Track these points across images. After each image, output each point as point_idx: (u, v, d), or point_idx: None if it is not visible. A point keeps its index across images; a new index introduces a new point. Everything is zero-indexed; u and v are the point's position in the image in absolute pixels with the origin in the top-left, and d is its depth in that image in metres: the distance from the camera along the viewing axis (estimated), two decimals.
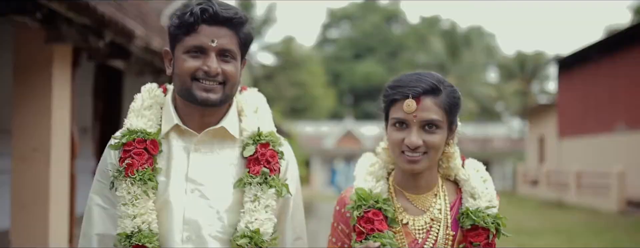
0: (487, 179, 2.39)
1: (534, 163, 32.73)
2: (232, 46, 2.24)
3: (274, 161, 2.29)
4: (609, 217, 18.79)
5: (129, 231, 2.17)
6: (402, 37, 68.17)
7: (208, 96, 2.20)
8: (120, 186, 2.20)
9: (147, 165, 2.22)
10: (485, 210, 2.28)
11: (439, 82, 2.22)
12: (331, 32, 72.56)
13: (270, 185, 2.24)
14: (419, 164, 2.23)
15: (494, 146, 45.10)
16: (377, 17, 69.21)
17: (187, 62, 2.19)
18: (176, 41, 2.24)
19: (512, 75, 48.80)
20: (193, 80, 2.20)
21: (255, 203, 2.23)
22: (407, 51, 63.46)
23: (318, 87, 54.24)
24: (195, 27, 2.18)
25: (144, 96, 2.38)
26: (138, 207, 2.18)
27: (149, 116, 2.32)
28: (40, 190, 5.90)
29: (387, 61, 64.54)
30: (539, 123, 32.97)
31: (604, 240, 13.51)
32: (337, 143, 45.49)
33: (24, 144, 5.92)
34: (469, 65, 48.95)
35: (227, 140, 2.34)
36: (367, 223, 2.24)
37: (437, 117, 2.20)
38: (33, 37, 5.77)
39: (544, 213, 20.40)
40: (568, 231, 14.92)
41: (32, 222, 5.88)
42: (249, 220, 2.22)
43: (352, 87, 62.71)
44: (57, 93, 5.94)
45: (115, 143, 2.28)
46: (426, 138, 2.20)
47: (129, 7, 7.79)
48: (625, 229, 15.55)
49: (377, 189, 2.32)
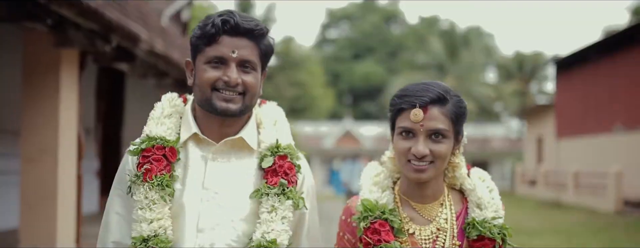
0: (493, 189, 2.40)
1: (532, 163, 32.75)
2: (253, 57, 2.25)
3: (291, 173, 2.28)
4: (607, 217, 18.85)
5: (145, 235, 2.17)
6: (401, 38, 68.19)
7: (228, 106, 2.22)
8: (138, 191, 2.20)
9: (165, 171, 2.22)
10: (491, 220, 2.29)
11: (445, 92, 2.23)
12: (330, 32, 72.60)
13: (287, 197, 2.24)
14: (425, 173, 2.23)
15: (493, 146, 45.08)
16: (376, 17, 69.19)
17: (207, 72, 2.21)
18: (197, 52, 2.25)
19: (511, 75, 48.75)
20: (213, 90, 2.22)
21: (272, 214, 2.23)
22: (406, 51, 63.33)
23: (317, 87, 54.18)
24: (217, 38, 2.20)
25: (164, 104, 2.39)
26: (155, 212, 2.18)
27: (169, 124, 2.33)
28: (48, 190, 6.04)
29: (386, 61, 64.52)
30: (537, 123, 32.98)
31: (601, 239, 13.56)
32: (336, 143, 45.46)
33: (32, 145, 6.07)
34: (467, 65, 48.80)
35: (245, 151, 2.34)
36: (374, 234, 2.24)
37: (443, 126, 2.20)
38: (41, 42, 5.92)
39: (542, 213, 20.47)
40: (566, 231, 14.98)
41: (40, 221, 6.03)
42: (266, 231, 2.22)
43: (351, 87, 62.67)
44: (64, 95, 6.07)
45: (135, 149, 2.28)
46: (433, 148, 2.21)
47: (130, 9, 7.89)
48: (622, 229, 15.61)
49: (383, 200, 2.31)
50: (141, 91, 12.82)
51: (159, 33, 8.90)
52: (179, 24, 18.53)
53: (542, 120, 32.09)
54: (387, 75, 59.82)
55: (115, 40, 6.23)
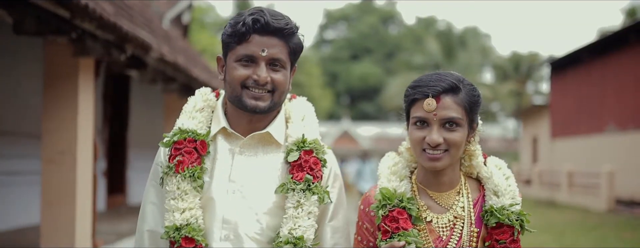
0: (509, 176, 2.41)
1: (528, 163, 32.85)
2: (282, 55, 2.28)
3: (317, 168, 2.32)
4: (599, 216, 19.10)
5: (178, 223, 2.22)
6: (398, 38, 68.25)
7: (257, 103, 2.26)
8: (170, 181, 2.27)
9: (196, 163, 2.28)
10: (509, 207, 2.30)
11: (458, 81, 2.25)
12: (328, 33, 72.62)
13: (313, 192, 2.27)
14: (440, 161, 2.25)
15: (489, 146, 45.14)
16: (374, 18, 69.28)
17: (237, 70, 2.25)
18: (228, 49, 2.30)
19: (507, 76, 48.65)
20: (243, 88, 2.26)
21: (298, 209, 2.26)
22: (403, 52, 63.34)
23: (315, 88, 54.30)
24: (247, 36, 2.23)
25: (197, 99, 2.45)
26: (187, 202, 2.24)
27: (200, 118, 2.38)
28: (67, 189, 6.39)
29: (383, 62, 64.60)
30: (533, 123, 33.08)
31: (591, 237, 13.86)
32: (334, 143, 45.40)
33: (52, 147, 6.41)
34: (464, 66, 48.69)
35: (272, 145, 2.39)
36: (392, 222, 2.27)
37: (457, 115, 2.22)
38: (61, 51, 6.28)
39: (536, 212, 20.44)
40: (558, 229, 15.21)
41: (59, 218, 6.38)
42: (292, 227, 2.25)
43: (348, 88, 62.75)
44: (82, 101, 6.44)
45: (167, 141, 2.34)
46: (447, 136, 2.23)
47: (135, 14, 8.21)
48: (613, 227, 15.85)
49: (401, 188, 2.34)
50: (145, 94, 13.14)
51: (164, 39, 9.23)
52: (179, 27, 18.69)
53: (537, 120, 32.20)
54: (385, 76, 59.79)
55: (129, 49, 6.63)
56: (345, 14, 71.42)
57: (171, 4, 17.90)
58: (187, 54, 11.05)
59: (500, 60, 52.65)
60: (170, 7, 17.72)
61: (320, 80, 56.39)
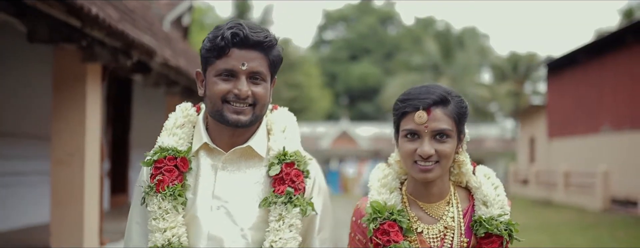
0: (498, 185, 2.43)
1: (525, 163, 32.96)
2: (262, 68, 2.26)
3: (298, 180, 2.30)
4: (594, 215, 19.35)
5: (159, 244, 2.22)
6: (397, 39, 68.10)
7: (239, 118, 2.24)
8: (151, 201, 2.26)
9: (177, 181, 2.26)
10: (498, 217, 2.32)
11: (447, 93, 2.28)
12: (327, 33, 72.48)
13: (294, 205, 2.26)
14: (431, 173, 2.26)
15: (487, 146, 45.15)
16: (373, 18, 69.14)
17: (218, 85, 2.22)
18: (208, 64, 2.27)
19: (505, 76, 48.66)
20: (224, 102, 2.24)
21: (279, 222, 2.25)
22: (402, 52, 63.34)
23: (314, 88, 54.32)
24: (226, 50, 2.21)
25: (178, 114, 2.43)
26: (168, 221, 2.23)
27: (181, 135, 2.36)
28: (75, 189, 6.65)
29: (382, 62, 64.43)
30: (530, 123, 33.23)
31: (586, 236, 14.09)
32: (332, 144, 45.45)
33: (61, 149, 6.66)
34: (462, 66, 48.68)
35: (255, 159, 2.37)
36: (383, 235, 2.28)
37: (447, 127, 2.25)
38: (70, 57, 6.54)
39: (532, 211, 20.78)
40: (553, 228, 15.45)
41: (68, 216, 6.64)
42: (273, 239, 2.24)
43: (347, 88, 62.66)
44: (90, 105, 6.70)
45: (148, 160, 2.34)
46: (438, 147, 2.25)
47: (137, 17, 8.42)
48: (607, 226, 16.07)
49: (392, 201, 2.35)
50: (147, 96, 13.37)
51: (166, 42, 9.47)
52: (180, 29, 18.77)
53: (534, 121, 32.34)
54: (383, 76, 59.66)
55: (135, 55, 6.89)
56: (344, 15, 71.27)
57: (172, 6, 17.98)
58: (188, 57, 11.27)
59: (499, 60, 52.51)
60: (171, 9, 17.80)
61: (319, 80, 56.35)
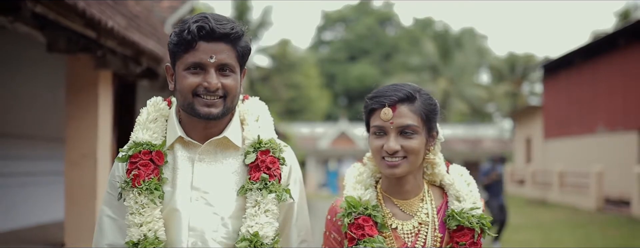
0: (470, 182, 2.47)
1: (522, 163, 33.19)
2: (231, 60, 2.25)
3: (274, 167, 2.32)
4: (587, 214, 19.70)
5: (135, 239, 2.22)
6: (395, 40, 68.10)
7: (210, 110, 2.24)
8: (128, 196, 2.25)
9: (153, 175, 2.26)
10: (469, 211, 2.36)
11: (414, 91, 2.31)
12: (326, 34, 72.37)
13: (270, 190, 2.28)
14: (398, 168, 2.30)
15: (484, 146, 45.19)
16: (371, 19, 69.05)
17: (187, 79, 2.22)
18: (176, 58, 2.26)
19: (503, 77, 48.84)
20: (194, 96, 2.23)
21: (255, 208, 2.27)
22: (400, 53, 63.50)
23: (313, 89, 54.45)
24: (193, 44, 2.19)
25: (150, 109, 2.42)
26: (144, 216, 2.23)
27: (154, 129, 2.35)
28: (88, 189, 7.01)
29: (380, 63, 64.57)
30: (526, 124, 33.44)
31: (577, 235, 14.50)
32: (331, 144, 45.46)
33: (75, 150, 7.03)
34: (460, 67, 48.84)
35: (230, 149, 2.38)
36: (358, 229, 2.30)
37: (412, 122, 2.27)
38: (83, 65, 6.92)
39: (527, 210, 21.16)
40: (546, 227, 15.79)
41: (82, 215, 7.00)
42: (250, 224, 2.25)
43: (346, 88, 62.66)
44: (101, 108, 7.08)
45: (122, 156, 2.33)
46: (404, 143, 2.28)
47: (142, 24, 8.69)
48: (599, 225, 16.46)
49: (366, 196, 2.37)
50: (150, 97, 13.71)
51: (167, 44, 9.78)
52: None
53: (530, 121, 32.55)
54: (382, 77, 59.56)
55: (144, 62, 7.27)
56: (343, 16, 71.19)
57: (173, 9, 18.11)
58: None
59: (496, 61, 52.64)
60: (173, 12, 17.94)
61: (318, 81, 56.48)
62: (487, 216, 2.39)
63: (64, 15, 5.40)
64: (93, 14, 5.36)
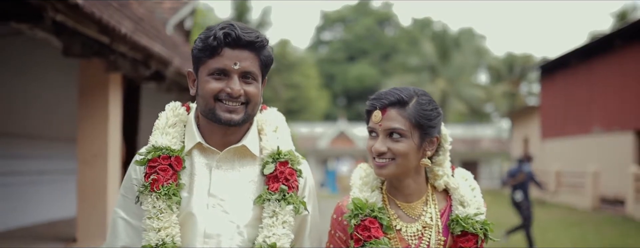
0: (475, 187, 2.47)
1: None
2: (254, 68, 2.26)
3: (292, 178, 2.34)
4: (583, 214, 19.94)
5: (153, 243, 2.20)
6: (394, 40, 68.20)
7: (231, 116, 2.24)
8: (146, 200, 2.24)
9: (171, 180, 2.25)
10: (473, 216, 2.37)
11: (409, 96, 2.32)
12: (325, 34, 72.52)
13: (288, 202, 2.29)
14: (385, 169, 2.32)
15: (482, 146, 45.25)
16: (370, 20, 69.22)
17: (210, 83, 2.23)
18: (200, 63, 2.27)
19: (501, 77, 48.92)
20: (216, 101, 2.24)
21: (273, 218, 2.27)
22: (399, 53, 63.48)
23: (312, 89, 54.51)
24: (219, 50, 2.21)
25: (168, 114, 2.41)
26: (162, 221, 2.22)
27: (173, 134, 2.35)
28: (99, 186, 7.30)
29: (379, 63, 64.68)
30: (524, 124, 33.64)
31: (572, 234, 14.72)
32: (330, 144, 45.75)
33: (87, 150, 7.32)
34: (459, 67, 48.87)
35: (248, 158, 2.38)
36: (364, 230, 2.31)
37: (399, 126, 2.28)
38: (94, 67, 7.21)
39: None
40: (541, 226, 15.88)
41: (93, 211, 7.30)
42: (267, 235, 2.25)
43: (345, 89, 62.86)
44: (112, 110, 7.38)
45: (141, 159, 2.31)
46: (390, 146, 2.29)
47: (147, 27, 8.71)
48: (594, 224, 16.70)
49: (373, 198, 2.38)
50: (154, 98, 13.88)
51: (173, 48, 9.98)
52: (182, 32, 19.08)
53: (528, 121, 32.74)
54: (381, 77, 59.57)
55: (153, 66, 7.55)
56: (342, 16, 71.35)
57: (175, 10, 18.17)
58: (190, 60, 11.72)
59: (495, 61, 52.66)
60: (174, 13, 18.03)
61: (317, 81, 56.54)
62: (490, 222, 2.41)
63: (81, 23, 5.70)
64: (108, 22, 5.65)
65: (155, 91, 10.82)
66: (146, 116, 13.79)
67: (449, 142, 2.47)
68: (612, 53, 22.53)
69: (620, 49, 21.91)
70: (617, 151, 21.68)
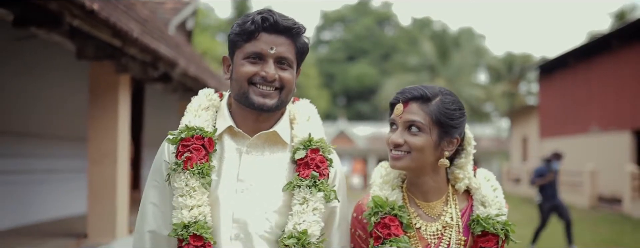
0: (497, 188, 2.46)
1: (518, 161, 33.53)
2: (290, 54, 2.26)
3: (323, 166, 2.31)
4: (581, 212, 20.06)
5: (186, 221, 2.16)
6: (394, 40, 68.31)
7: (265, 101, 2.23)
8: (178, 178, 2.21)
9: (204, 160, 2.23)
10: (495, 217, 2.36)
11: (433, 93, 2.32)
12: (325, 34, 72.57)
13: (319, 189, 2.25)
14: (400, 161, 2.32)
15: (482, 145, 45.37)
16: (370, 19, 69.36)
17: (245, 67, 2.23)
18: (236, 47, 2.27)
19: (501, 77, 48.93)
20: (250, 84, 2.23)
21: (303, 205, 2.24)
22: (398, 53, 63.50)
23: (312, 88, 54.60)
24: (256, 34, 2.22)
25: (201, 98, 2.39)
26: (195, 199, 2.19)
27: (205, 117, 2.32)
28: (109, 184, 7.55)
29: (379, 63, 64.74)
30: (523, 123, 33.79)
31: None
32: (330, 143, 45.56)
33: (97, 150, 7.56)
34: (458, 67, 48.85)
35: (278, 145, 2.36)
36: (384, 228, 2.30)
37: (418, 119, 2.28)
38: (104, 69, 7.45)
39: (522, 208, 21.38)
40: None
41: (103, 209, 7.55)
42: (297, 222, 2.22)
43: (345, 88, 62.94)
44: (121, 111, 7.60)
45: (174, 138, 2.28)
46: (407, 138, 2.29)
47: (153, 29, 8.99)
48: (591, 222, 16.93)
49: (393, 197, 2.37)
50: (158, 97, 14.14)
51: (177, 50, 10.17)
52: (184, 33, 19.23)
53: (526, 121, 32.91)
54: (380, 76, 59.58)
55: (162, 67, 7.79)
56: (342, 16, 71.47)
57: (177, 11, 18.25)
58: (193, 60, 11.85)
59: (494, 61, 52.62)
60: (176, 14, 18.13)
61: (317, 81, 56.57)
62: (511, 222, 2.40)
63: (95, 27, 5.94)
64: (121, 27, 5.90)
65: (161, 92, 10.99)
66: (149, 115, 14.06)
67: (472, 145, 2.47)
68: (610, 53, 22.67)
69: (617, 49, 22.07)
70: (615, 150, 21.82)
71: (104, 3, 5.88)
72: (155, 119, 14.49)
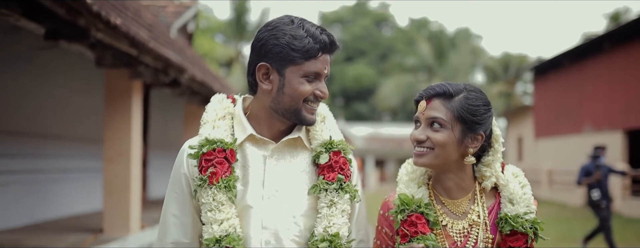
0: (525, 184, 2.41)
1: (513, 161, 33.32)
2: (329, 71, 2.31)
3: (346, 168, 2.33)
4: (573, 210, 20.52)
5: (217, 235, 2.17)
6: (391, 40, 68.52)
7: (313, 117, 2.29)
8: (206, 193, 2.20)
9: (228, 173, 2.21)
10: (523, 215, 2.31)
11: (457, 90, 2.29)
12: None
13: (345, 191, 2.28)
14: (422, 158, 2.29)
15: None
16: (368, 20, 69.52)
17: (304, 85, 2.21)
18: (290, 63, 2.21)
19: (497, 77, 49.14)
20: (304, 102, 2.24)
21: (332, 208, 2.25)
22: (396, 54, 63.66)
23: None
24: (319, 54, 2.21)
25: (216, 107, 2.37)
26: (224, 212, 2.19)
27: (224, 127, 2.30)
28: (123, 183, 7.99)
29: (377, 64, 65.03)
30: (518, 123, 33.99)
31: (559, 229, 15.32)
32: None
33: (112, 150, 8.01)
34: (455, 67, 48.95)
35: (299, 148, 2.35)
36: (411, 226, 2.29)
37: (440, 115, 2.25)
38: (118, 75, 7.92)
39: None
40: None
41: (117, 206, 8.00)
42: (327, 225, 2.23)
43: (343, 89, 63.16)
44: (134, 114, 8.08)
45: (195, 153, 2.26)
46: (430, 134, 2.26)
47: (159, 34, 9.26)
48: (581, 220, 17.35)
49: (419, 194, 2.35)
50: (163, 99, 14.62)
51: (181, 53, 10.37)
52: (185, 35, 19.46)
53: (522, 121, 33.11)
54: (378, 77, 59.98)
55: (172, 73, 8.27)
56: (340, 17, 71.64)
57: (178, 14, 18.46)
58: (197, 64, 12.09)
59: (491, 61, 52.52)
60: (177, 17, 18.33)
61: None
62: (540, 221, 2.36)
63: (116, 39, 6.45)
64: (139, 38, 6.41)
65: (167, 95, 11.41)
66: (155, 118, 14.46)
67: (500, 142, 2.42)
68: (602, 54, 22.90)
69: (609, 50, 22.33)
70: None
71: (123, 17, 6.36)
72: (161, 122, 14.91)
